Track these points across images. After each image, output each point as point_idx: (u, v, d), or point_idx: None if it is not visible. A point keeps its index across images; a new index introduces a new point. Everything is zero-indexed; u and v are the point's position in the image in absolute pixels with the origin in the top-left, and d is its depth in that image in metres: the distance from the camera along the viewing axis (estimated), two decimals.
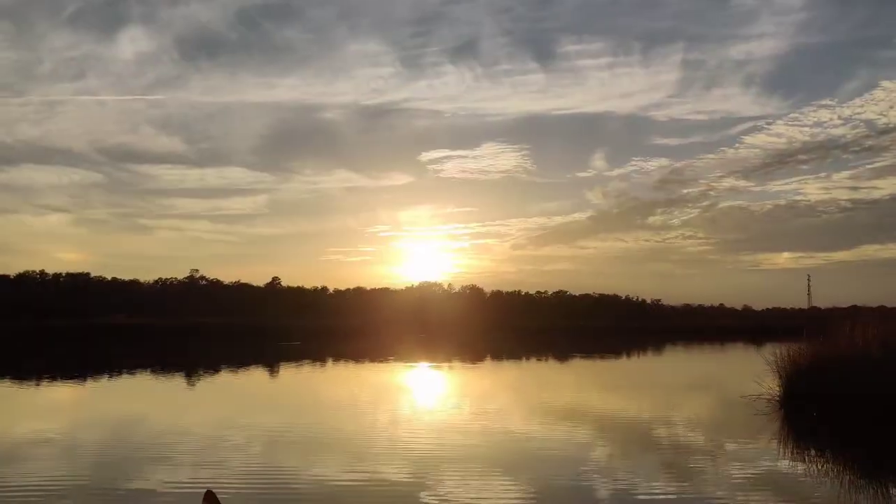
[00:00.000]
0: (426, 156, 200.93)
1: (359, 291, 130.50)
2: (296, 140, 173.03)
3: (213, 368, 41.46)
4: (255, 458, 14.85)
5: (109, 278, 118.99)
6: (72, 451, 16.11)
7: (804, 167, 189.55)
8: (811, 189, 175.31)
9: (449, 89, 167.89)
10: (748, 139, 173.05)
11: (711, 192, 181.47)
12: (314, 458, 14.88)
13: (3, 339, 69.73)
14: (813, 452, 17.04)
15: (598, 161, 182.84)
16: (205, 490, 6.47)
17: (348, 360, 49.69)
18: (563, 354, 56.04)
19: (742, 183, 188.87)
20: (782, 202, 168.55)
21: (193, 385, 33.42)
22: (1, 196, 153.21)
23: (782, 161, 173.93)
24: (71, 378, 35.44)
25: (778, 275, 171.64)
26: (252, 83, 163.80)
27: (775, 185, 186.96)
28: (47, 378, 34.99)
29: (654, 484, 12.67)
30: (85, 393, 30.00)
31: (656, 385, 34.27)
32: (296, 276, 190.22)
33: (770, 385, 23.58)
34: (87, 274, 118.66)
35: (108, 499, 11.60)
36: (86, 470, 13.78)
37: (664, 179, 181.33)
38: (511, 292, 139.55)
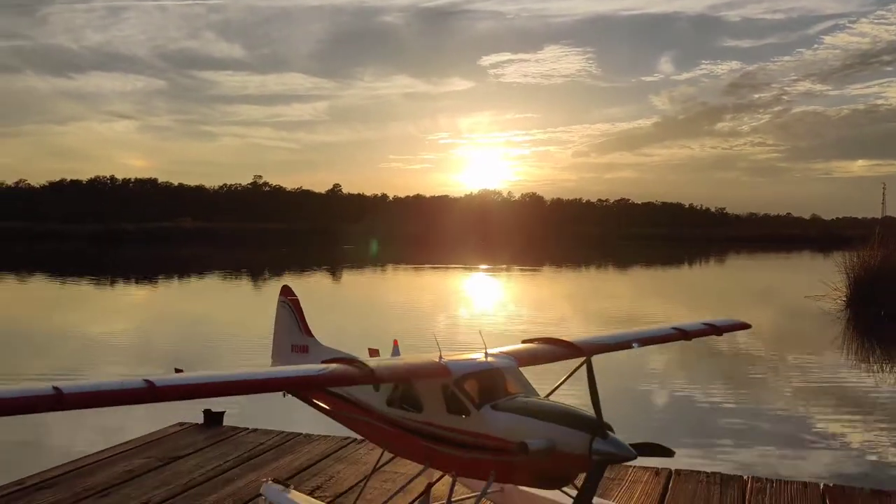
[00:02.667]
0: (487, 60, 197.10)
1: (418, 199, 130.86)
2: (355, 45, 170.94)
3: (278, 271, 42.43)
4: None
5: (176, 184, 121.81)
6: (145, 347, 16.85)
7: (888, 69, 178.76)
8: (894, 92, 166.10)
9: None
10: (828, 39, 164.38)
11: (784, 97, 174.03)
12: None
13: (78, 241, 72.58)
14: (878, 353, 16.66)
15: (665, 64, 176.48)
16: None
17: (408, 265, 50.24)
18: (623, 263, 55.56)
19: (818, 87, 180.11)
20: (861, 107, 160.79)
21: (259, 287, 34.35)
22: (70, 104, 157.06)
23: (864, 62, 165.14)
24: (143, 279, 36.79)
25: (851, 183, 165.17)
26: None
27: (854, 89, 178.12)
28: (121, 279, 36.41)
29: (713, 390, 12.52)
30: (157, 293, 31.15)
31: (717, 290, 33.79)
32: (356, 183, 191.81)
33: (837, 286, 22.99)
34: (155, 180, 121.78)
35: None
36: (158, 365, 14.37)
37: (734, 83, 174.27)
38: (572, 200, 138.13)
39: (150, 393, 3.56)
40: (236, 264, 46.48)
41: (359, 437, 7.08)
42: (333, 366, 4.29)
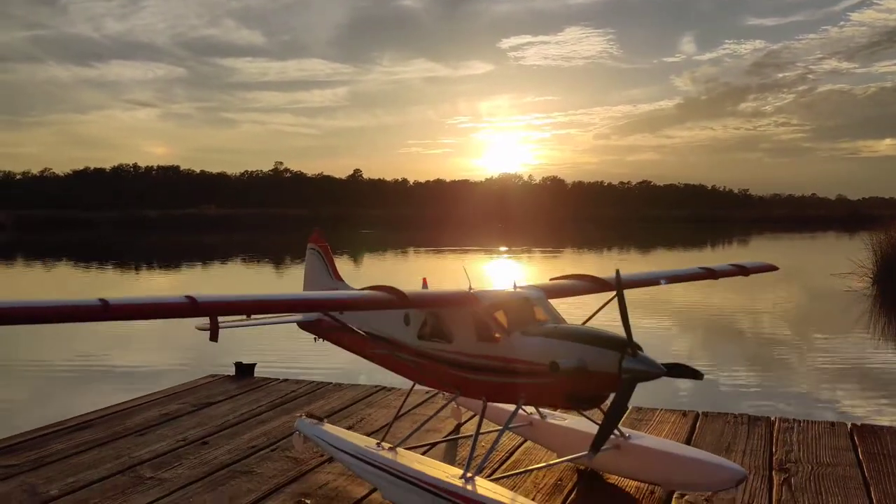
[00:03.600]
0: (506, 42, 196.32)
1: (439, 184, 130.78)
2: (373, 29, 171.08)
3: (300, 256, 42.62)
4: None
5: (198, 171, 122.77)
6: (172, 334, 16.92)
7: None
8: None
9: None
10: (855, 16, 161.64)
11: (810, 76, 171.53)
12: None
13: (103, 227, 73.42)
14: None
15: (688, 45, 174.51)
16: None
17: (428, 248, 50.33)
18: (644, 245, 55.24)
19: (845, 65, 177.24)
20: (888, 84, 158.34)
21: (281, 272, 34.58)
22: (92, 93, 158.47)
23: (892, 39, 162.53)
24: (167, 265, 37.17)
25: (878, 162, 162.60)
26: None
27: (882, 66, 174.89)
28: (146, 265, 36.81)
29: (737, 372, 12.32)
30: (181, 279, 31.46)
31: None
32: (376, 168, 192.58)
33: (864, 263, 22.73)
34: (177, 167, 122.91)
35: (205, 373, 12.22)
36: (187, 352, 14.41)
37: (758, 63, 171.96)
38: (593, 183, 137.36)
39: (191, 307, 3.66)
40: (259, 249, 46.81)
41: (388, 385, 7.24)
42: (368, 291, 4.38)
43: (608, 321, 4.43)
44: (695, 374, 4.13)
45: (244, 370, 7.93)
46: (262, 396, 7.06)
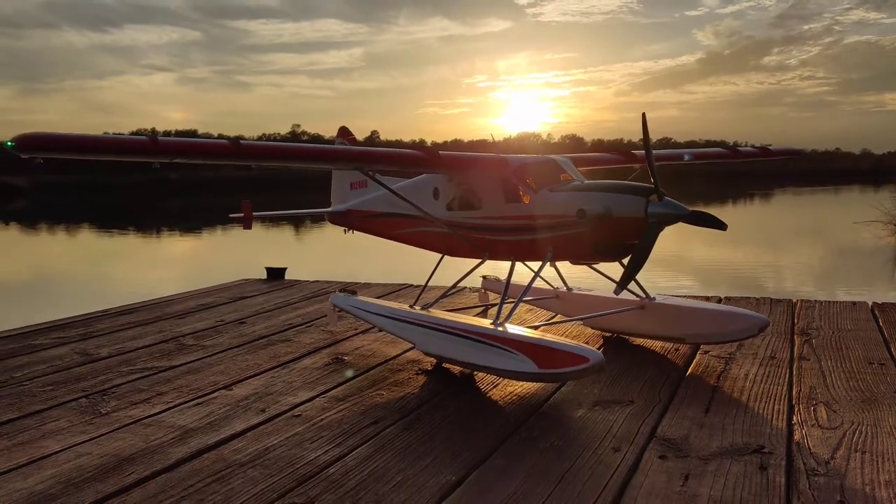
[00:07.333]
0: None
1: (457, 144, 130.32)
2: None
3: (320, 218, 42.63)
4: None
5: (216, 135, 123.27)
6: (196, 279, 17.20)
7: None
8: None
9: None
10: None
11: (836, 27, 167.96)
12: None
13: (124, 193, 74.00)
14: None
15: None
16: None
17: None
18: None
19: (873, 15, 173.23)
20: None
21: (301, 236, 34.75)
22: (108, 58, 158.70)
23: None
24: (189, 229, 37.41)
25: None
26: None
27: None
28: (167, 229, 37.10)
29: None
30: (202, 243, 31.74)
31: (762, 222, 33.39)
32: (394, 129, 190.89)
33: (889, 210, 22.52)
34: (195, 131, 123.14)
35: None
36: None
37: (783, 15, 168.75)
38: (613, 141, 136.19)
39: (235, 149, 3.82)
40: (278, 209, 46.92)
41: (414, 282, 7.43)
42: (402, 149, 4.51)
43: None
44: (719, 224, 4.24)
45: (275, 273, 8.15)
46: (295, 292, 7.29)
